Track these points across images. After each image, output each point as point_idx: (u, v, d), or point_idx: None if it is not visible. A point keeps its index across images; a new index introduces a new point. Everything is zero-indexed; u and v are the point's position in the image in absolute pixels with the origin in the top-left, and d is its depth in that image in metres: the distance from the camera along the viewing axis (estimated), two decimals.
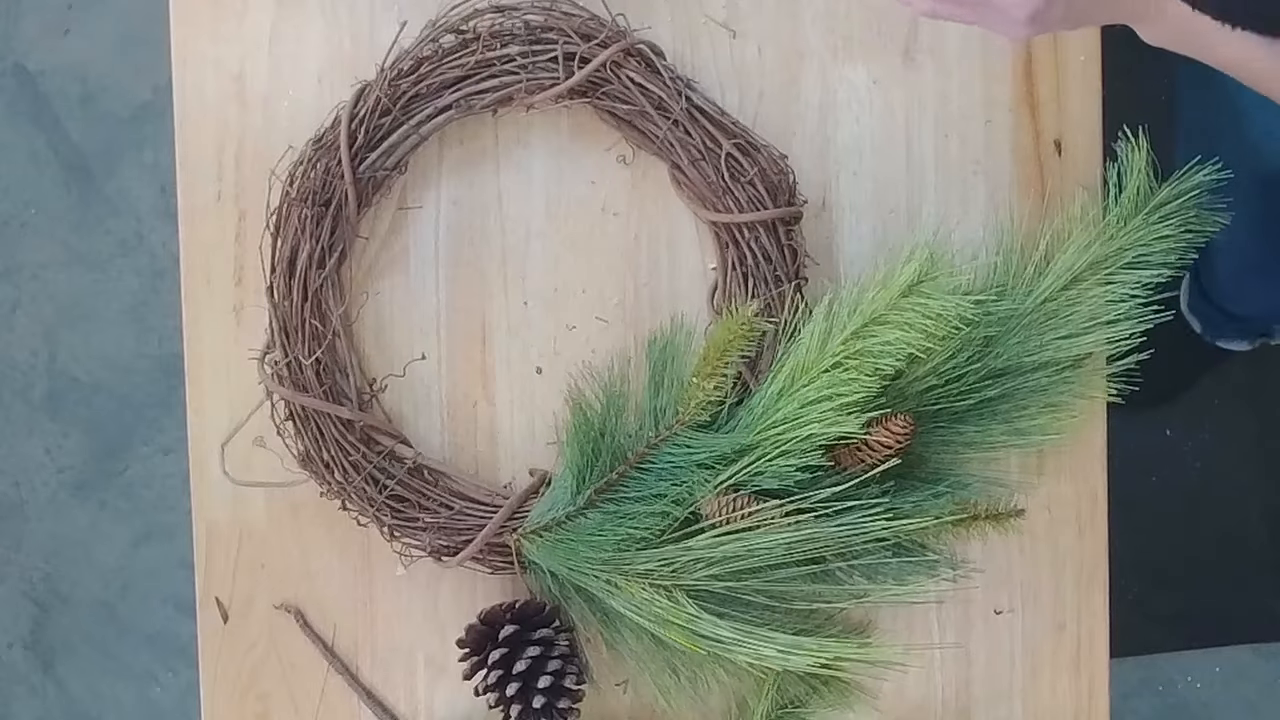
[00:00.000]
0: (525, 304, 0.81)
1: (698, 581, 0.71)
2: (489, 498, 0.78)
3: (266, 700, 0.82)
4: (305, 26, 0.80)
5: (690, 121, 0.77)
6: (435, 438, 0.81)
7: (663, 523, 0.73)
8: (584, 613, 0.77)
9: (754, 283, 0.77)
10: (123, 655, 1.58)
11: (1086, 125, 0.82)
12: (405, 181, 0.81)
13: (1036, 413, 0.77)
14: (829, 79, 0.81)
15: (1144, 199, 0.76)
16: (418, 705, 0.82)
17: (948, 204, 0.81)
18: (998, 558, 0.82)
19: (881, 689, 0.82)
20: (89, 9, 1.54)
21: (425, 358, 0.81)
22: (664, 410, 0.74)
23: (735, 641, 0.70)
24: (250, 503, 0.81)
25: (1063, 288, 0.76)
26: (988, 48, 0.81)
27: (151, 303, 1.55)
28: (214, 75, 0.80)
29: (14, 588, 1.58)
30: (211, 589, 0.82)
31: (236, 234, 0.81)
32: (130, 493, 1.57)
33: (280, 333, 0.76)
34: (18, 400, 1.57)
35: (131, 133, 1.54)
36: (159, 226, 1.54)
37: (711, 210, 0.78)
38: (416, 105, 0.77)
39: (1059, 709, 0.83)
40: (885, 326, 0.71)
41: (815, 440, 0.71)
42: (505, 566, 0.77)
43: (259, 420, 0.78)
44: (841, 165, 0.81)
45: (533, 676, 0.75)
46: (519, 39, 0.76)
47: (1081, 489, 0.83)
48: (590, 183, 0.81)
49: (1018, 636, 0.83)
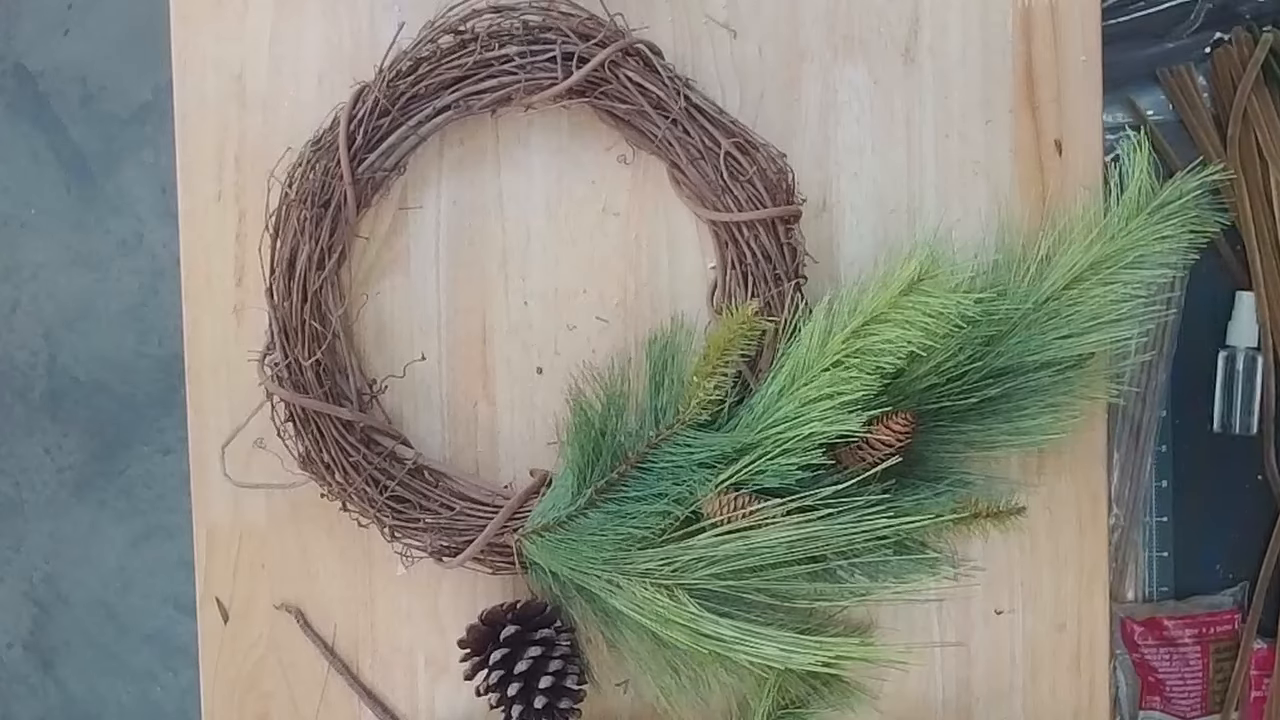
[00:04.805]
0: (525, 304, 0.81)
1: (699, 581, 0.71)
2: (489, 498, 0.78)
3: (266, 700, 0.82)
4: (305, 26, 0.80)
5: (689, 120, 0.77)
6: (435, 438, 0.81)
7: (664, 522, 0.73)
8: (585, 612, 0.77)
9: (754, 281, 0.77)
10: (123, 655, 1.58)
11: (1087, 125, 0.82)
12: (405, 182, 0.81)
13: (1037, 412, 0.77)
14: (829, 79, 0.81)
15: (1145, 199, 0.76)
16: (418, 705, 0.82)
17: (948, 204, 0.82)
18: (998, 557, 0.83)
19: (882, 688, 0.82)
20: (89, 9, 1.54)
21: (425, 358, 0.81)
22: (664, 409, 0.74)
23: (737, 640, 0.70)
24: (251, 503, 0.81)
25: (1064, 287, 0.76)
26: (988, 48, 0.81)
27: (151, 303, 1.55)
28: (214, 75, 0.81)
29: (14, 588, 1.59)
30: (212, 589, 0.82)
31: (236, 234, 0.81)
32: (130, 493, 1.57)
33: (280, 334, 0.76)
34: (18, 400, 1.57)
35: (131, 133, 1.55)
36: (159, 226, 1.54)
37: (711, 209, 0.78)
38: (415, 106, 0.77)
39: (1059, 709, 0.83)
40: (886, 325, 0.71)
41: (816, 439, 0.71)
42: (506, 566, 0.77)
43: (259, 421, 0.78)
44: (841, 165, 0.81)
45: (534, 676, 0.75)
46: (517, 39, 0.76)
47: (1082, 489, 0.83)
48: (590, 183, 0.81)
49: (1018, 636, 0.83)
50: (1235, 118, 1.28)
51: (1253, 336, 1.31)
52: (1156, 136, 1.30)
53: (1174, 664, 1.37)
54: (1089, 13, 0.82)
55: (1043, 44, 0.81)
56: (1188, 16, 1.32)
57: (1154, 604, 1.37)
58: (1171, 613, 1.36)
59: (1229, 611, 1.37)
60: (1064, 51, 0.82)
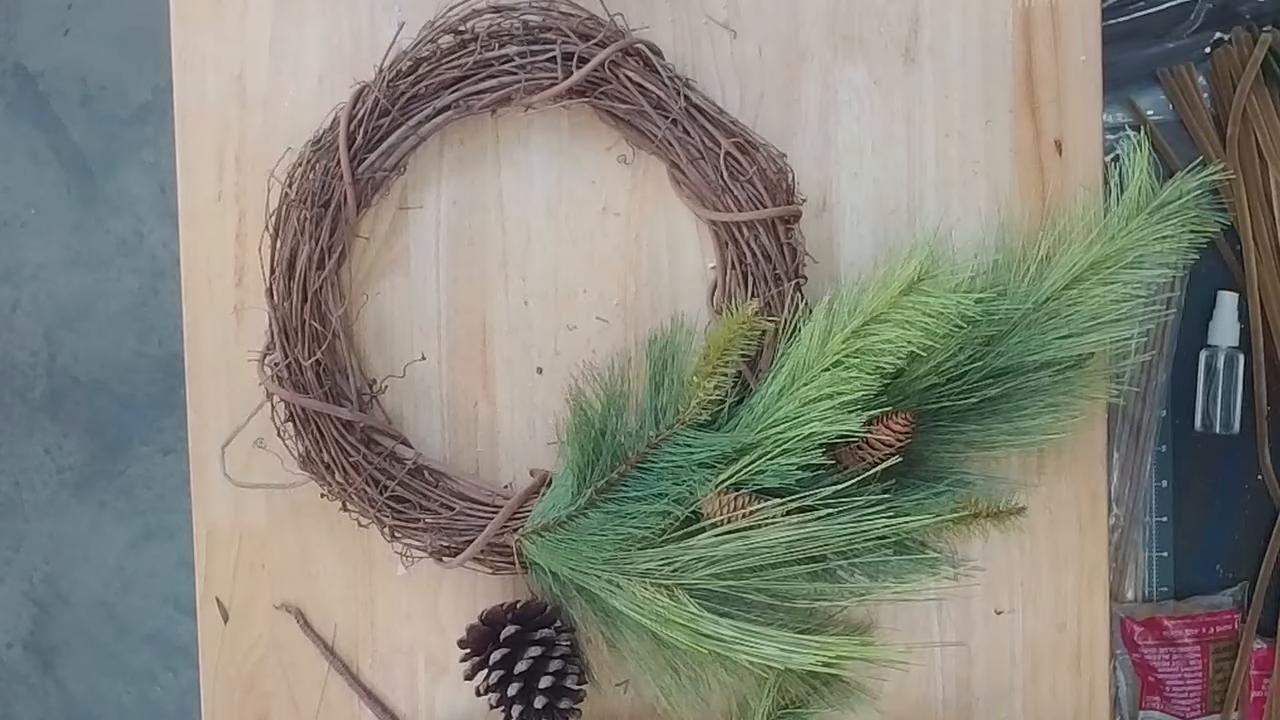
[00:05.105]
0: (525, 304, 0.81)
1: (699, 580, 0.71)
2: (489, 498, 0.78)
3: (266, 700, 0.82)
4: (305, 26, 0.80)
5: (689, 120, 0.77)
6: (435, 438, 0.81)
7: (664, 522, 0.73)
8: (585, 612, 0.77)
9: (754, 281, 0.77)
10: (123, 655, 1.58)
11: (1087, 125, 0.82)
12: (405, 182, 0.81)
13: (1037, 412, 0.77)
14: (829, 79, 0.81)
15: (1145, 199, 0.76)
16: (418, 705, 0.82)
17: (948, 204, 0.82)
18: (998, 557, 0.83)
19: (882, 688, 0.82)
20: (89, 9, 1.54)
21: (425, 358, 0.81)
22: (664, 409, 0.74)
23: (737, 640, 0.70)
24: (251, 503, 0.81)
25: (1064, 287, 0.76)
26: (988, 48, 0.81)
27: (151, 303, 1.55)
28: (214, 75, 0.81)
29: (14, 588, 1.59)
30: (212, 589, 0.82)
31: (236, 234, 0.81)
32: (130, 493, 1.57)
33: (280, 334, 0.76)
34: (18, 400, 1.57)
35: (131, 133, 1.55)
36: (159, 226, 1.54)
37: (711, 209, 0.78)
38: (415, 106, 0.77)
39: (1059, 709, 0.83)
40: (886, 324, 0.71)
41: (816, 439, 0.71)
42: (506, 566, 0.77)
43: (259, 421, 0.78)
44: (841, 165, 0.81)
45: (534, 676, 0.75)
46: (517, 39, 0.76)
47: (1082, 489, 0.83)
48: (590, 183, 0.81)
49: (1018, 636, 0.83)
50: (1235, 118, 1.28)
51: (1234, 336, 1.31)
52: (1156, 136, 1.30)
53: (1174, 664, 1.37)
54: (1089, 13, 0.82)
55: (1043, 44, 0.81)
56: (1188, 16, 1.32)
57: (1154, 604, 1.37)
58: (1171, 613, 1.36)
59: (1229, 611, 1.37)
60: (1064, 51, 0.82)
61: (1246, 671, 1.36)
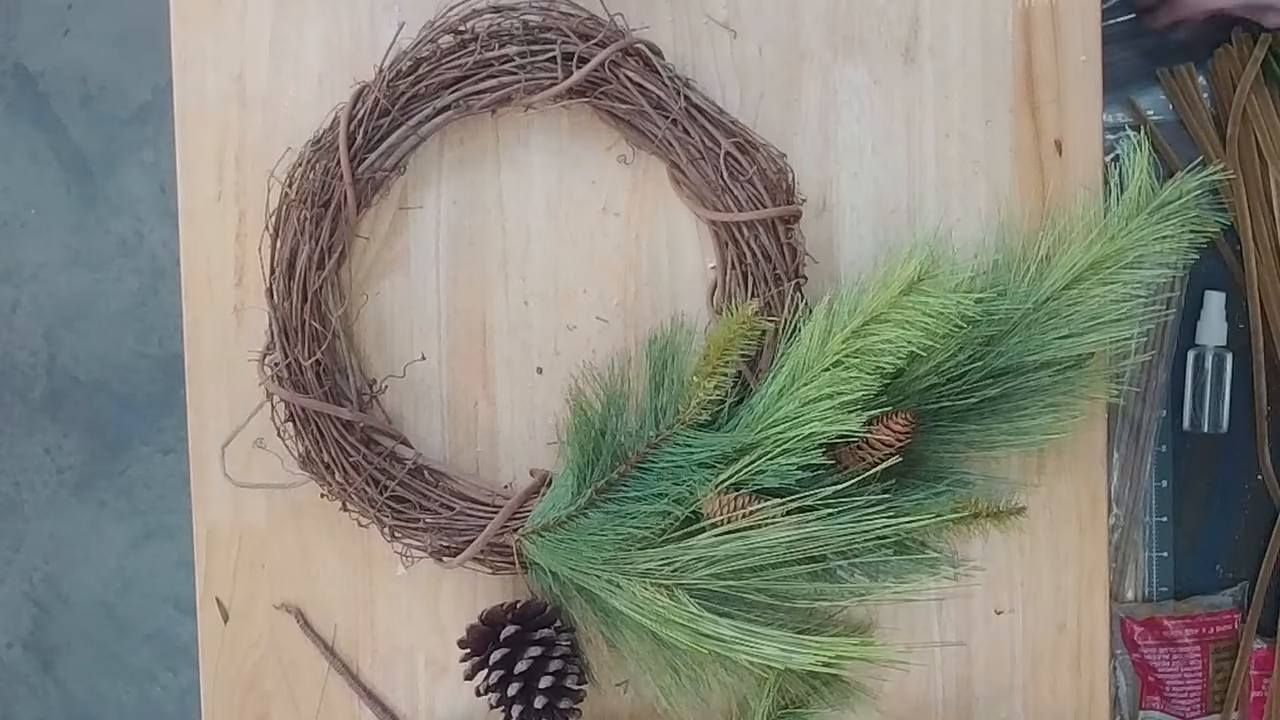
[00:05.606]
0: (525, 304, 0.81)
1: (699, 580, 0.71)
2: (489, 498, 0.78)
3: (266, 700, 0.82)
4: (305, 26, 0.80)
5: (689, 120, 0.77)
6: (435, 438, 0.81)
7: (664, 522, 0.73)
8: (585, 612, 0.77)
9: (754, 281, 0.77)
10: (123, 655, 1.58)
11: (1087, 125, 0.82)
12: (405, 182, 0.81)
13: (1037, 412, 0.77)
14: (829, 79, 0.81)
15: (1145, 199, 0.76)
16: (418, 705, 0.82)
17: (948, 204, 0.82)
18: (998, 557, 0.83)
19: (882, 688, 0.82)
20: (89, 9, 1.55)
21: (425, 358, 0.81)
22: (664, 409, 0.74)
23: (737, 640, 0.70)
24: (251, 503, 0.81)
25: (1064, 287, 0.76)
26: (988, 48, 0.81)
27: (151, 303, 1.55)
28: (214, 75, 0.81)
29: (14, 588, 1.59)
30: (212, 589, 0.82)
31: (236, 234, 0.81)
32: (130, 493, 1.57)
33: (280, 334, 0.76)
34: (18, 400, 1.57)
35: (131, 133, 1.55)
36: (159, 226, 1.54)
37: (711, 209, 0.78)
38: (415, 106, 0.77)
39: (1059, 709, 0.83)
40: (886, 324, 0.71)
41: (816, 439, 0.71)
42: (506, 566, 0.77)
43: (259, 421, 0.78)
44: (841, 165, 0.81)
45: (534, 677, 0.75)
46: (517, 39, 0.76)
47: (1082, 489, 0.83)
48: (590, 183, 0.81)
49: (1018, 636, 0.83)
50: (1235, 118, 1.28)
51: (1222, 335, 1.31)
52: (1156, 136, 1.30)
53: (1174, 664, 1.37)
54: (1089, 13, 0.82)
55: (1043, 44, 0.81)
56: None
57: (1154, 604, 1.37)
58: (1171, 613, 1.36)
59: (1229, 611, 1.37)
60: (1064, 51, 0.82)
61: (1246, 671, 1.36)
